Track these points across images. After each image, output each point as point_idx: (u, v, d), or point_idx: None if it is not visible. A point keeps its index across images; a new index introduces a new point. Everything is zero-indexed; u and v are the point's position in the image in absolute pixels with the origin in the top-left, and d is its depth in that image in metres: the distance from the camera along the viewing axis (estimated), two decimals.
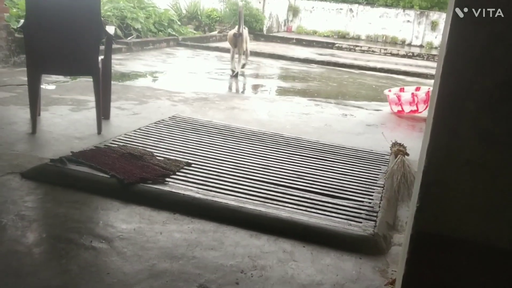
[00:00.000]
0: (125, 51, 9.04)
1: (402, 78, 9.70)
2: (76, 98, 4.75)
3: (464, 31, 1.34)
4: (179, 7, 15.35)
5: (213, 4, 16.28)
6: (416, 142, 4.32)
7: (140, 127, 3.85)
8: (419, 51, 15.66)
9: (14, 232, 2.11)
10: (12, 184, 2.60)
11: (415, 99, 5.54)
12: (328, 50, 14.65)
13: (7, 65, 6.09)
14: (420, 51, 15.72)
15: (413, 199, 1.65)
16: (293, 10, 19.33)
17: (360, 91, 7.41)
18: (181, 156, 3.20)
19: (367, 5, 21.39)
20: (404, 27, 19.10)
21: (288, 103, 5.77)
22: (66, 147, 3.24)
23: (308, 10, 20.40)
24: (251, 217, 2.41)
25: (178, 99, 5.31)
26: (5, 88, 4.91)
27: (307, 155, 3.54)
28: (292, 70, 9.31)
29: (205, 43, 12.15)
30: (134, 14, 10.18)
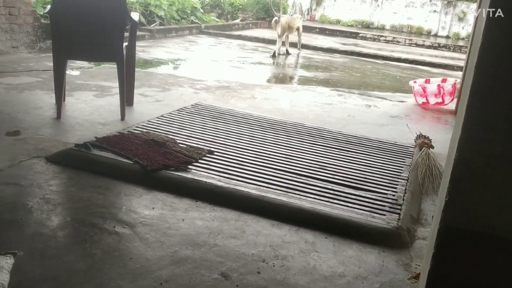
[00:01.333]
0: (148, 38, 9.07)
1: (427, 69, 9.52)
2: (100, 84, 4.79)
3: (500, 22, 1.29)
4: None
5: None
6: (441, 134, 4.24)
7: (163, 114, 3.86)
8: (445, 42, 15.32)
9: (39, 215, 2.14)
10: (37, 168, 2.63)
11: (441, 91, 5.43)
12: (351, 40, 14.45)
13: (33, 50, 6.17)
14: (446, 42, 15.39)
15: (441, 192, 1.61)
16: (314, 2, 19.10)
17: (384, 82, 7.30)
18: (203, 143, 3.20)
19: None
20: (430, 17, 18.71)
21: (310, 93, 5.71)
22: (90, 132, 3.27)
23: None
24: (273, 207, 2.40)
25: (200, 87, 5.31)
26: (31, 73, 4.98)
27: (329, 145, 3.51)
28: (315, 59, 9.22)
29: (227, 31, 12.11)
30: (158, 1, 10.20)
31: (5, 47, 5.78)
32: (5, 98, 3.97)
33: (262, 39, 11.28)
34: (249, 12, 15.06)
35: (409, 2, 19.01)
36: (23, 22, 5.97)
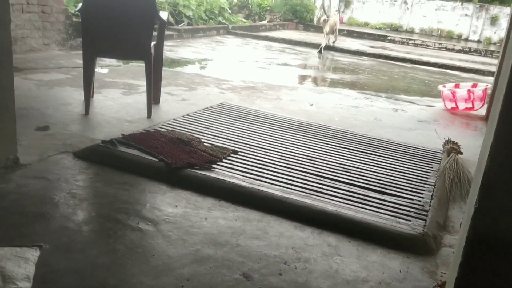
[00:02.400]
0: (176, 38, 9.16)
1: (457, 74, 9.33)
2: (128, 82, 4.85)
3: None
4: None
5: None
6: (471, 140, 4.15)
7: (188, 113, 3.89)
8: (476, 47, 14.99)
9: (65, 209, 2.18)
10: (65, 163, 2.68)
11: (471, 96, 5.31)
12: (379, 42, 14.29)
13: (64, 48, 6.30)
14: (478, 47, 15.05)
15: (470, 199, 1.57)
16: (345, 1, 18.96)
17: (412, 86, 7.18)
18: (228, 143, 3.21)
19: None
20: (461, 21, 18.35)
21: (337, 95, 5.67)
22: (117, 129, 3.31)
23: (361, 1, 19.96)
24: (296, 209, 2.38)
25: (226, 87, 5.33)
26: (62, 70, 5.08)
27: (355, 148, 3.46)
28: (342, 62, 9.15)
29: (254, 32, 12.13)
30: (186, 1, 10.29)
31: (37, 44, 5.92)
32: (36, 93, 4.06)
33: (289, 41, 11.26)
34: (276, 13, 15.06)
35: (440, 6, 18.69)
36: (55, 20, 6.10)
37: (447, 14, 18.46)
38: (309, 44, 11.08)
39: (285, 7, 15.06)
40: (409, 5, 19.00)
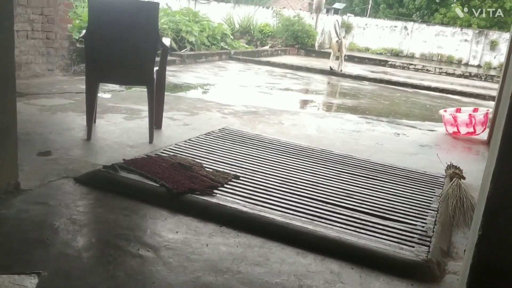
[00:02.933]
0: (179, 63, 9.25)
1: (458, 98, 9.37)
2: (130, 107, 4.88)
3: None
4: (233, 22, 15.63)
5: (266, 19, 16.48)
6: (473, 165, 4.13)
7: (190, 138, 3.89)
8: (477, 71, 15.11)
9: (65, 235, 2.16)
10: (66, 188, 2.67)
11: (472, 121, 5.32)
12: (380, 67, 14.41)
13: (68, 73, 6.37)
14: (478, 71, 15.17)
15: (474, 226, 1.55)
16: (346, 26, 19.22)
17: (413, 110, 7.21)
18: (229, 168, 3.20)
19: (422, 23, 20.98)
20: (461, 46, 18.54)
21: (338, 120, 5.68)
22: (119, 154, 3.31)
23: (361, 27, 20.23)
24: (298, 234, 2.36)
25: (228, 111, 5.35)
26: (65, 95, 5.12)
27: (357, 173, 3.45)
28: (343, 86, 9.21)
29: (256, 57, 12.26)
30: (189, 27, 10.44)
31: (41, 69, 5.98)
32: (39, 119, 4.08)
33: (291, 66, 11.37)
34: (278, 39, 15.24)
35: (439, 31, 18.92)
36: (59, 46, 6.18)
37: (447, 40, 18.67)
38: (310, 69, 11.18)
39: (287, 33, 15.25)
40: (409, 30, 19.24)
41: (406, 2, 29.53)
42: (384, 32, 19.60)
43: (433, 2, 28.78)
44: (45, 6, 5.88)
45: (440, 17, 27.62)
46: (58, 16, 6.09)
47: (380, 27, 19.78)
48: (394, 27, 19.55)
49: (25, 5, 5.62)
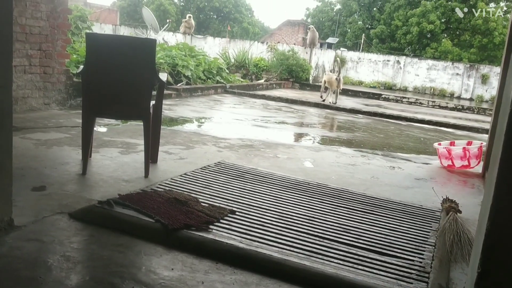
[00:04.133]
0: (175, 97, 9.33)
1: (452, 131, 9.45)
2: (126, 141, 4.88)
3: None
4: (228, 56, 15.85)
5: (261, 54, 16.73)
6: (469, 198, 4.14)
7: (186, 172, 3.89)
8: (469, 104, 15.31)
9: (58, 273, 2.12)
10: (60, 224, 2.64)
11: (466, 154, 5.35)
12: (374, 101, 14.58)
13: (64, 107, 6.39)
14: (470, 104, 15.37)
15: (473, 263, 1.54)
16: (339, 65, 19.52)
17: (407, 143, 7.25)
18: (225, 203, 3.18)
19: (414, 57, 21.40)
20: (453, 80, 18.86)
21: (333, 153, 5.70)
22: (114, 189, 3.29)
23: (355, 61, 20.57)
24: (295, 271, 2.33)
25: (224, 145, 5.36)
26: (61, 129, 5.12)
27: (353, 207, 3.44)
28: (338, 119, 9.28)
29: (251, 91, 12.38)
30: (185, 62, 10.57)
31: (37, 104, 6.01)
32: (34, 153, 4.07)
33: (286, 99, 11.47)
34: (273, 73, 15.44)
35: (431, 65, 19.26)
36: (56, 80, 6.23)
37: (439, 73, 18.99)
38: (305, 102, 11.29)
39: (281, 67, 15.47)
40: (402, 64, 19.57)
41: (398, 37, 30.20)
42: (377, 66, 19.93)
43: (424, 37, 29.46)
44: (44, 42, 5.96)
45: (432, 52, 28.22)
46: (56, 51, 6.16)
47: (373, 61, 20.12)
48: (387, 61, 19.89)
49: (23, 41, 5.69)
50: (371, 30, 32.49)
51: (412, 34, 28.81)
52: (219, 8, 42.32)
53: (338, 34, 34.08)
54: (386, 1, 31.95)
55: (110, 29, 18.50)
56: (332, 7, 37.06)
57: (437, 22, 28.20)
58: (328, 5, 37.41)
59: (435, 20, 28.07)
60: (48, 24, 5.98)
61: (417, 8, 28.96)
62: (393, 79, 19.59)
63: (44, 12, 5.91)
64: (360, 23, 33.78)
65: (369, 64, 20.06)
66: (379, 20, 32.13)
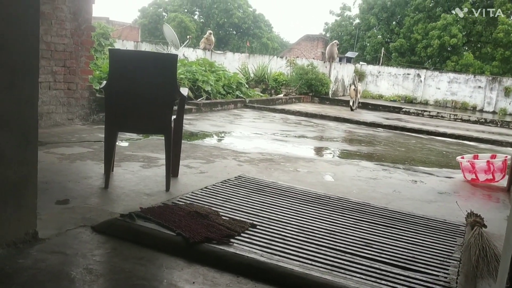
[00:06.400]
0: (195, 112, 9.41)
1: (475, 144, 9.30)
2: (147, 155, 4.93)
3: None
4: (247, 71, 15.97)
5: (280, 69, 16.80)
6: (494, 213, 4.05)
7: (206, 186, 3.90)
8: (492, 118, 15.06)
9: (81, 285, 2.14)
10: (83, 237, 2.67)
11: (491, 167, 5.25)
12: (394, 114, 14.46)
13: (87, 122, 6.51)
14: (493, 118, 15.12)
15: (501, 278, 1.50)
16: (359, 74, 19.46)
17: (429, 157, 7.15)
18: (246, 216, 3.18)
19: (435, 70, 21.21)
20: (475, 93, 18.60)
21: (354, 167, 5.66)
22: (136, 202, 3.33)
23: (374, 75, 20.48)
24: (317, 285, 2.30)
25: (244, 159, 5.37)
26: (84, 144, 5.21)
27: (375, 221, 3.40)
28: (358, 133, 9.23)
29: (271, 105, 12.42)
30: (205, 77, 10.68)
31: (61, 119, 6.13)
32: (58, 167, 4.14)
33: (305, 113, 11.47)
34: (292, 87, 15.48)
35: (453, 78, 19.06)
36: (79, 96, 6.36)
37: (461, 86, 18.77)
38: (324, 116, 11.26)
39: (301, 81, 15.50)
40: (422, 78, 19.41)
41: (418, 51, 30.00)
42: (397, 79, 19.80)
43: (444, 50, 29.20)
44: (68, 59, 6.11)
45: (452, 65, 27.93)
46: (80, 68, 6.30)
47: (393, 74, 20.01)
48: (407, 74, 19.75)
49: (48, 58, 5.84)
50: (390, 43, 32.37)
51: (433, 47, 28.58)
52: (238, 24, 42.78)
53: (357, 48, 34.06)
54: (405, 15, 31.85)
55: (132, 45, 18.84)
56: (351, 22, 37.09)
57: (459, 35, 27.94)
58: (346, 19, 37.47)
59: (457, 33, 27.81)
60: (72, 41, 6.14)
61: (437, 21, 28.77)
62: (414, 92, 19.42)
63: (69, 29, 6.06)
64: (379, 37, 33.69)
65: (389, 77, 19.95)
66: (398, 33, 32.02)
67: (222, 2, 42.53)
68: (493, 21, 27.85)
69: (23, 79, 2.35)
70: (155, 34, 38.75)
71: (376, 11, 32.74)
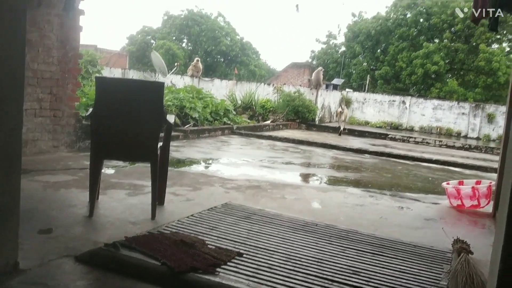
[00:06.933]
0: (182, 138, 9.40)
1: (460, 170, 9.39)
2: (133, 183, 4.89)
3: None
4: (235, 98, 16.07)
5: (267, 95, 16.94)
6: (480, 239, 4.06)
7: (193, 214, 3.87)
8: (476, 144, 15.27)
9: None
10: (66, 268, 2.62)
11: (476, 193, 5.29)
12: (381, 140, 14.59)
13: (73, 149, 6.46)
14: (477, 144, 15.33)
15: None
16: (345, 101, 19.69)
17: (415, 183, 7.20)
18: (232, 245, 3.15)
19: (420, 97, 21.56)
20: (459, 119, 18.91)
21: (341, 194, 5.66)
22: (121, 231, 3.28)
23: (361, 101, 20.75)
24: None
25: (231, 186, 5.35)
26: (69, 171, 5.16)
27: (362, 249, 3.39)
28: (345, 160, 9.27)
29: (258, 132, 12.46)
30: (193, 104, 10.72)
31: (47, 146, 6.07)
32: (42, 195, 4.08)
33: (292, 140, 11.51)
34: (279, 113, 15.57)
35: (437, 105, 19.38)
36: (65, 123, 6.32)
37: (445, 113, 19.08)
38: (311, 142, 11.32)
39: (288, 108, 15.62)
40: (407, 104, 19.70)
41: (402, 78, 30.53)
42: (383, 106, 20.07)
43: (428, 77, 29.76)
44: (54, 86, 6.09)
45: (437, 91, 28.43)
46: (66, 95, 6.28)
47: (378, 101, 20.29)
48: (393, 101, 20.05)
49: (35, 85, 5.82)
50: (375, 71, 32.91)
51: (417, 75, 29.14)
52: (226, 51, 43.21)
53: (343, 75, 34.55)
54: (389, 43, 32.51)
55: (119, 73, 18.89)
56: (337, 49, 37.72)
57: (441, 62, 28.57)
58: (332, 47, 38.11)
59: (439, 61, 28.45)
60: (59, 68, 6.14)
61: (420, 50, 29.43)
62: (399, 119, 19.67)
63: (56, 57, 6.07)
64: (364, 64, 34.27)
65: (375, 104, 20.22)
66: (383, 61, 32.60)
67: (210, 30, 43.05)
68: (475, 49, 28.57)
69: (7, 107, 2.33)
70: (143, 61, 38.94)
71: (361, 40, 33.37)
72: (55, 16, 5.96)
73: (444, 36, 29.39)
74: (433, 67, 28.33)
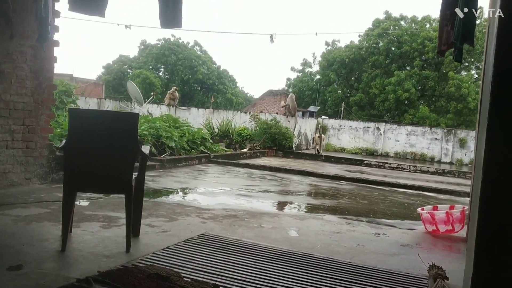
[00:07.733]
0: (159, 168, 9.32)
1: (434, 195, 9.53)
2: (108, 215, 4.81)
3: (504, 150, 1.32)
4: (212, 126, 16.10)
5: (244, 123, 17.04)
6: (455, 264, 4.11)
7: (168, 246, 3.81)
8: (449, 168, 15.58)
9: None
10: None
11: (450, 218, 5.37)
12: (357, 167, 14.74)
13: (46, 181, 6.33)
14: (451, 168, 15.64)
15: None
16: (321, 128, 19.93)
17: (392, 209, 7.27)
18: (208, 277, 3.11)
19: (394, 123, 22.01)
20: (432, 145, 19.33)
21: (318, 221, 5.67)
22: (94, 265, 3.20)
23: (336, 128, 21.03)
24: None
25: (208, 216, 5.31)
26: (41, 204, 5.04)
27: (339, 277, 3.38)
28: (322, 187, 9.32)
29: (235, 160, 12.46)
30: (169, 133, 10.68)
31: (18, 178, 5.94)
32: (12, 230, 3.97)
33: (269, 167, 11.54)
34: (256, 141, 15.64)
35: (411, 131, 19.78)
36: (38, 155, 6.21)
37: (418, 139, 19.48)
38: (288, 170, 11.37)
39: (265, 135, 15.71)
40: (382, 131, 20.05)
41: (376, 104, 31.19)
42: (358, 132, 20.39)
43: (401, 104, 30.49)
44: (27, 117, 6.01)
45: (410, 118, 29.09)
46: (40, 126, 6.19)
47: (354, 128, 20.62)
48: (367, 128, 20.40)
49: (7, 117, 5.73)
50: (350, 98, 33.54)
51: (390, 101, 29.82)
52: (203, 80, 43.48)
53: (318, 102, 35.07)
54: (362, 71, 33.29)
55: (95, 102, 18.77)
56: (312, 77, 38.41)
57: (413, 90, 29.35)
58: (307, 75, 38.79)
59: (410, 88, 29.24)
60: (32, 99, 6.06)
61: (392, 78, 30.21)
62: (374, 145, 19.98)
63: (29, 88, 6.01)
64: (339, 91, 34.92)
65: (350, 131, 20.52)
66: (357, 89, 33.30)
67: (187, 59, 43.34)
68: (445, 76, 29.48)
69: None
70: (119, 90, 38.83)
71: (335, 68, 34.09)
72: (28, 47, 5.93)
73: (415, 63, 30.35)
74: (404, 94, 29.09)
